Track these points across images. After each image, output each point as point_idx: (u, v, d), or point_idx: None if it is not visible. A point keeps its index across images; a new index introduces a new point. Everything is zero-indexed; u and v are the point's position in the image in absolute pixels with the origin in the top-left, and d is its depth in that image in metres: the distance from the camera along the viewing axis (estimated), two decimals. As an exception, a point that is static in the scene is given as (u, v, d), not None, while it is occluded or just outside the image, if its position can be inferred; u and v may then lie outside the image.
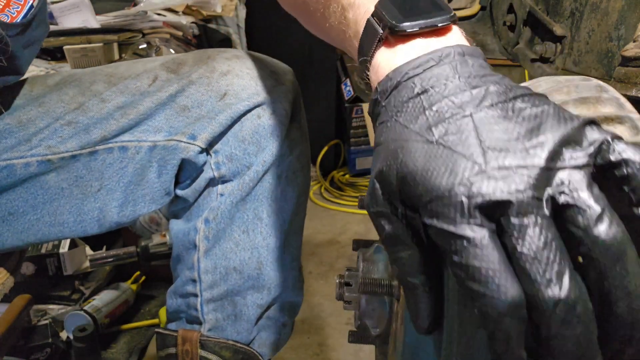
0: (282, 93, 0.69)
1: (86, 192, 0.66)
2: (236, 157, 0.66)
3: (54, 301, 1.36)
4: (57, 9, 1.62)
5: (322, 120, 2.39)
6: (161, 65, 0.68)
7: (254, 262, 0.70)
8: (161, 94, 0.65)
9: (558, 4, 0.85)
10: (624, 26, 0.74)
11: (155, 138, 0.65)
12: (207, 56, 0.69)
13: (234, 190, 0.67)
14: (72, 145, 0.64)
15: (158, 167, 0.66)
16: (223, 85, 0.66)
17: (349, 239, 1.91)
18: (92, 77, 0.68)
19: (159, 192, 0.68)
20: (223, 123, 0.65)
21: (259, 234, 0.69)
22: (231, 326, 0.71)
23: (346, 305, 0.53)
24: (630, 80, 0.68)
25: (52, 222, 0.66)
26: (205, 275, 0.69)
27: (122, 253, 1.32)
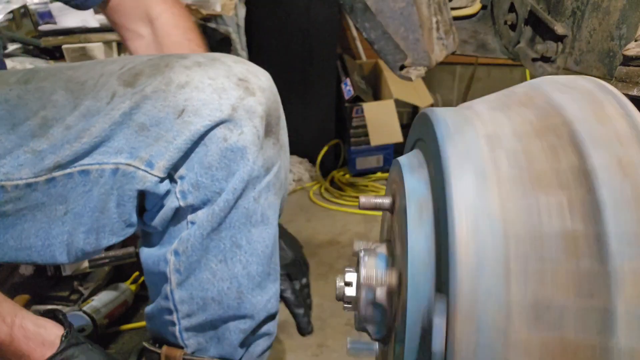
0: (251, 107, 0.62)
1: (51, 216, 0.62)
2: (203, 185, 0.61)
3: (52, 301, 1.36)
4: (56, 8, 1.61)
5: (322, 120, 2.38)
6: (118, 78, 0.62)
7: (234, 292, 0.65)
8: (114, 113, 0.60)
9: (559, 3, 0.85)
10: (626, 25, 0.74)
11: (116, 160, 0.60)
12: (165, 64, 0.62)
13: (204, 219, 0.62)
14: (26, 173, 0.60)
15: (117, 197, 0.61)
16: (181, 99, 0.59)
17: (349, 239, 1.90)
18: (53, 82, 0.64)
19: (118, 223, 0.63)
20: (181, 147, 0.59)
21: (238, 263, 0.65)
22: (214, 347, 0.68)
23: (346, 305, 0.53)
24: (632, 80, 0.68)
25: (18, 246, 0.62)
26: (181, 305, 0.65)
27: (121, 254, 1.31)
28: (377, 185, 2.35)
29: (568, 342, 0.32)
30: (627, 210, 0.33)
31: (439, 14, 0.85)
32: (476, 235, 0.34)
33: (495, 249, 0.34)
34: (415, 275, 0.39)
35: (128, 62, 0.64)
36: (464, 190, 0.36)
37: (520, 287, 0.33)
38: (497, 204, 0.35)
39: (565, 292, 0.33)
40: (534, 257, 0.34)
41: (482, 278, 0.34)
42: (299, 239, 0.77)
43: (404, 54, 0.84)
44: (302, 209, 2.12)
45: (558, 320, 0.33)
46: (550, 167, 0.36)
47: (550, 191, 0.35)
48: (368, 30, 0.83)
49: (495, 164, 0.37)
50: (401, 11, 0.81)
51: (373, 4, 0.80)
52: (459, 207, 0.35)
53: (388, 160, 2.42)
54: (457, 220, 0.35)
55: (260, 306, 0.68)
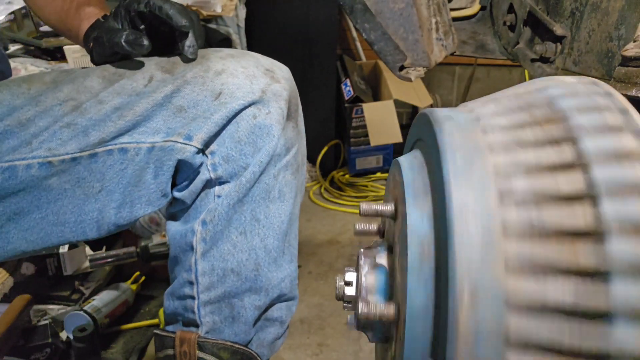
0: (277, 91, 0.68)
1: (88, 192, 0.66)
2: (232, 158, 0.66)
3: (53, 301, 1.36)
4: (57, 9, 1.61)
5: (322, 120, 2.38)
6: (156, 65, 0.68)
7: (252, 264, 0.69)
8: (157, 95, 0.65)
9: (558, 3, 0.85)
10: (624, 26, 0.74)
11: (153, 139, 0.65)
12: (202, 55, 0.69)
13: (231, 191, 0.67)
14: (72, 148, 0.64)
15: (154, 169, 0.66)
16: (218, 84, 0.66)
17: (349, 239, 1.91)
18: (86, 73, 0.68)
19: (155, 193, 0.67)
20: (219, 122, 0.65)
21: (257, 236, 0.69)
22: (229, 328, 0.71)
23: (346, 305, 0.53)
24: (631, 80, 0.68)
25: (55, 221, 0.66)
26: (202, 277, 0.69)
27: (121, 253, 1.32)
28: (376, 185, 2.35)
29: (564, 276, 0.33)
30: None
31: (438, 15, 0.86)
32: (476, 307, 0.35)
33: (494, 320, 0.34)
34: (412, 330, 0.39)
35: (164, 56, 0.70)
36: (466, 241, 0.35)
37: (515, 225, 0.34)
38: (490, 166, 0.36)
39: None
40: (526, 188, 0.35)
41: (481, 231, 0.35)
42: (299, 239, 0.78)
43: (404, 55, 0.84)
44: (302, 208, 2.11)
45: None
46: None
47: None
48: (368, 31, 0.83)
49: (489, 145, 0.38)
50: (401, 12, 0.82)
51: (373, 5, 0.81)
52: (460, 267, 0.35)
53: (388, 160, 2.42)
54: (459, 283, 0.34)
55: (275, 282, 0.71)
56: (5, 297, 1.26)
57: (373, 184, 2.35)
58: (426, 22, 0.84)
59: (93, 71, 0.68)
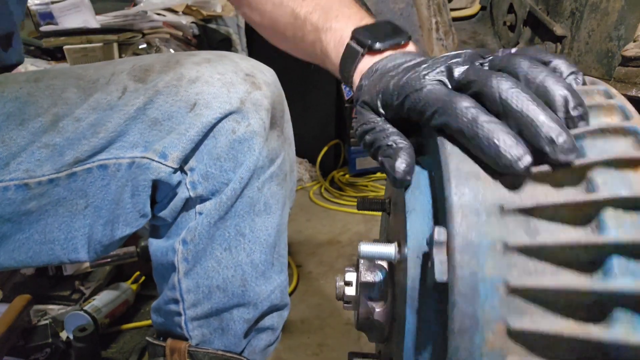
0: (258, 100, 0.64)
1: (73, 210, 0.63)
2: (212, 176, 0.63)
3: (54, 301, 1.36)
4: (57, 9, 1.62)
5: (322, 120, 2.39)
6: (129, 74, 0.64)
7: (238, 280, 0.67)
8: (129, 108, 0.62)
9: (558, 4, 0.85)
10: (624, 26, 0.74)
11: (133, 154, 0.62)
12: (176, 61, 0.65)
13: (211, 209, 0.64)
14: (48, 169, 0.61)
15: (132, 188, 0.63)
16: (192, 94, 0.62)
17: (349, 239, 1.91)
18: (62, 80, 0.65)
19: (132, 214, 0.64)
20: (194, 139, 0.61)
21: (242, 251, 0.66)
22: (218, 340, 0.69)
23: (346, 305, 0.53)
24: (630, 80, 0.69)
25: (42, 240, 0.64)
26: (187, 294, 0.67)
27: (122, 253, 1.32)
28: (377, 185, 2.35)
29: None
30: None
31: (438, 15, 0.86)
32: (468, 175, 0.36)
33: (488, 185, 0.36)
34: (413, 225, 0.40)
35: (138, 61, 0.67)
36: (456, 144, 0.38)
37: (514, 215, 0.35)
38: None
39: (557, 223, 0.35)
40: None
41: (479, 210, 0.35)
42: (299, 238, 0.77)
43: (404, 55, 0.84)
44: (302, 208, 2.12)
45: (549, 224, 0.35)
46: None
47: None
48: (368, 31, 0.83)
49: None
50: (401, 12, 0.82)
51: (373, 5, 0.81)
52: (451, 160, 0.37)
53: (388, 160, 2.42)
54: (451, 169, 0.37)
55: (264, 295, 0.69)
56: (6, 297, 1.26)
57: (373, 184, 2.35)
58: (426, 22, 0.84)
59: (69, 79, 0.65)
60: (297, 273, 1.64)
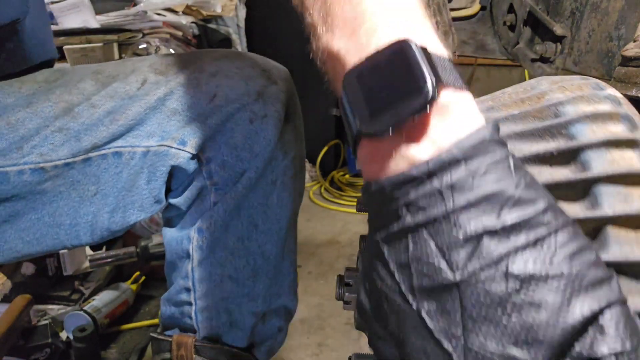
0: (274, 93, 0.66)
1: (83, 195, 0.64)
2: (229, 165, 0.64)
3: (53, 301, 1.36)
4: (57, 9, 1.62)
5: (322, 120, 2.39)
6: (149, 67, 0.66)
7: (249, 271, 0.68)
8: (149, 98, 0.63)
9: (558, 3, 0.85)
10: (624, 26, 0.74)
11: (148, 143, 0.63)
12: (196, 57, 0.67)
13: (227, 198, 0.65)
14: (64, 153, 0.62)
15: (148, 174, 0.64)
16: (212, 86, 0.63)
17: (349, 239, 1.91)
18: (79, 74, 0.66)
19: (148, 199, 0.65)
20: (213, 127, 0.63)
21: (254, 242, 0.67)
22: (226, 333, 0.70)
23: (346, 305, 0.53)
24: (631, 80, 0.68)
25: (51, 222, 0.65)
26: (199, 284, 0.67)
27: (121, 253, 1.32)
28: (377, 185, 2.35)
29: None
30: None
31: (438, 15, 0.86)
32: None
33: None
34: None
35: (159, 58, 0.68)
36: None
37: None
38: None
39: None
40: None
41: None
42: (299, 239, 0.77)
43: (404, 55, 0.84)
44: (302, 209, 2.12)
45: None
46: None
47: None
48: (368, 31, 0.83)
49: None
50: (401, 12, 0.81)
51: (373, 5, 0.81)
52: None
53: (388, 160, 2.42)
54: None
55: (274, 289, 0.70)
56: (6, 297, 1.26)
57: (373, 184, 2.36)
58: (426, 22, 0.84)
59: (87, 73, 0.66)
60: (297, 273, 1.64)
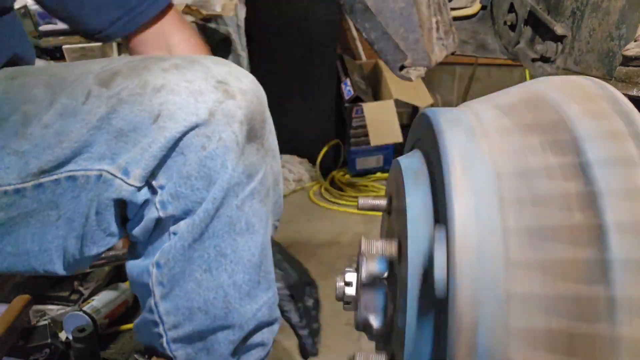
0: (230, 111, 0.59)
1: (45, 221, 0.61)
2: (183, 195, 0.59)
3: (53, 302, 1.36)
4: (56, 9, 1.61)
5: (322, 120, 2.38)
6: (95, 77, 0.60)
7: (220, 302, 0.64)
8: (91, 117, 0.58)
9: (559, 3, 0.85)
10: (625, 25, 0.74)
11: (101, 166, 0.59)
12: (143, 66, 0.61)
13: (184, 230, 0.60)
14: (14, 177, 0.58)
15: (97, 205, 0.60)
16: (156, 103, 0.57)
17: (349, 239, 1.91)
18: (37, 78, 0.63)
19: (98, 232, 0.61)
20: (157, 155, 0.57)
21: (224, 272, 0.63)
22: (204, 358, 0.67)
23: (346, 305, 0.53)
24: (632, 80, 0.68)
25: (15, 252, 0.61)
26: (166, 317, 0.64)
27: (121, 254, 1.32)
28: (377, 185, 2.35)
29: (563, 260, 0.34)
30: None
31: (438, 14, 0.85)
32: (470, 174, 0.36)
33: (489, 184, 0.36)
34: (414, 222, 0.40)
35: (109, 63, 0.63)
36: (456, 140, 0.39)
37: (514, 214, 0.35)
38: (486, 150, 0.38)
39: (555, 214, 0.35)
40: (524, 186, 0.36)
41: (479, 209, 0.35)
42: (299, 238, 0.77)
43: (404, 54, 0.84)
44: (302, 209, 2.12)
45: (552, 242, 0.34)
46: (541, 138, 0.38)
47: (535, 135, 0.38)
48: (368, 30, 0.83)
49: (482, 127, 0.40)
50: (401, 11, 0.81)
51: (373, 5, 0.80)
52: (452, 153, 0.37)
53: (388, 160, 2.42)
54: (451, 163, 0.37)
55: (249, 315, 0.66)
56: (5, 297, 1.26)
57: (373, 184, 2.35)
58: (427, 21, 0.84)
59: (43, 76, 0.62)
60: (297, 273, 1.64)
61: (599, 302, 0.33)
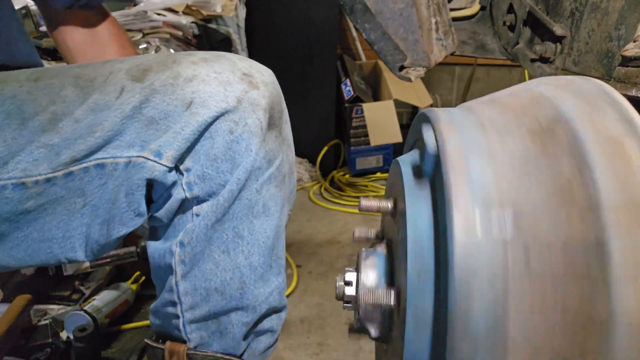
0: (255, 99, 0.64)
1: (71, 209, 0.63)
2: (209, 177, 0.63)
3: (54, 301, 1.36)
4: (57, 9, 1.61)
5: (322, 120, 2.39)
6: (127, 74, 0.64)
7: (236, 282, 0.67)
8: (125, 107, 0.61)
9: (558, 4, 0.85)
10: (624, 26, 0.74)
11: (129, 153, 0.62)
12: (172, 60, 0.65)
13: (208, 211, 0.63)
14: (44, 168, 0.61)
15: (127, 187, 0.63)
16: (188, 92, 0.61)
17: (349, 239, 1.91)
18: (62, 79, 0.65)
19: (128, 213, 0.64)
20: (190, 138, 0.61)
21: (241, 253, 0.66)
22: (217, 342, 0.69)
23: (346, 305, 0.53)
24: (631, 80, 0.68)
25: (40, 237, 0.64)
26: (185, 297, 0.67)
27: (122, 253, 1.32)
28: (376, 185, 2.35)
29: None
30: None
31: (438, 15, 0.86)
32: (469, 174, 0.37)
33: (488, 184, 0.37)
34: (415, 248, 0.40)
35: (136, 60, 0.66)
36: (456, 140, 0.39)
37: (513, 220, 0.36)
38: (486, 149, 0.38)
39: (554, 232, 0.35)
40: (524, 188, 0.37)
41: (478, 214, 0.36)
42: (299, 238, 0.77)
43: (404, 55, 0.84)
44: (302, 208, 2.12)
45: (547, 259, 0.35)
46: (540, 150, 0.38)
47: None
48: (368, 31, 0.83)
49: (482, 127, 0.40)
50: (401, 12, 0.82)
51: (373, 5, 0.81)
52: (451, 153, 0.38)
53: (388, 160, 2.42)
54: (450, 164, 0.37)
55: (262, 298, 0.69)
56: (6, 297, 1.26)
57: (373, 184, 2.35)
58: (426, 22, 0.84)
59: (67, 78, 0.64)
60: (297, 273, 1.64)
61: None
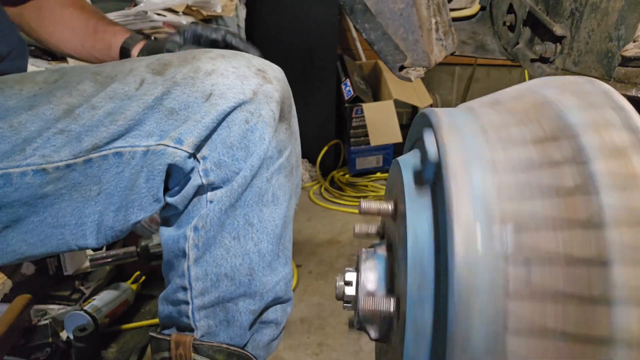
0: (269, 92, 0.68)
1: (86, 196, 0.66)
2: (225, 164, 0.66)
3: (54, 301, 1.36)
4: (57, 9, 1.61)
5: (322, 120, 2.39)
6: (147, 67, 0.67)
7: (245, 269, 0.69)
8: (147, 98, 0.65)
9: (558, 4, 0.85)
10: (624, 26, 0.75)
11: (148, 142, 0.65)
12: (192, 56, 0.69)
13: (223, 197, 0.66)
14: (65, 154, 0.63)
15: (147, 173, 0.66)
16: (208, 85, 0.65)
17: (349, 239, 1.91)
18: (79, 75, 0.67)
19: (147, 198, 0.67)
20: (209, 126, 0.65)
21: (250, 240, 0.69)
22: (224, 332, 0.71)
23: (346, 305, 0.53)
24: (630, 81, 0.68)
25: (54, 223, 0.66)
26: (196, 282, 0.69)
27: (122, 253, 1.32)
28: (376, 185, 2.35)
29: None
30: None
31: (438, 15, 0.86)
32: (469, 174, 0.37)
33: (488, 184, 0.37)
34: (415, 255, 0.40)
35: (156, 56, 0.70)
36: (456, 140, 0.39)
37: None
38: (485, 149, 0.39)
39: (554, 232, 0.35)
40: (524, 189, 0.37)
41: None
42: (299, 238, 0.78)
43: (404, 55, 0.84)
44: (302, 208, 2.12)
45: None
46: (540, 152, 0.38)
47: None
48: (368, 31, 0.83)
49: (481, 127, 0.40)
50: (401, 12, 0.82)
51: (373, 5, 0.81)
52: (452, 154, 0.38)
53: (388, 160, 2.42)
54: (451, 164, 0.37)
55: (270, 286, 0.71)
56: (6, 297, 1.26)
57: (373, 184, 2.35)
58: (426, 22, 0.84)
59: (86, 75, 0.67)
60: (297, 273, 1.64)
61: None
